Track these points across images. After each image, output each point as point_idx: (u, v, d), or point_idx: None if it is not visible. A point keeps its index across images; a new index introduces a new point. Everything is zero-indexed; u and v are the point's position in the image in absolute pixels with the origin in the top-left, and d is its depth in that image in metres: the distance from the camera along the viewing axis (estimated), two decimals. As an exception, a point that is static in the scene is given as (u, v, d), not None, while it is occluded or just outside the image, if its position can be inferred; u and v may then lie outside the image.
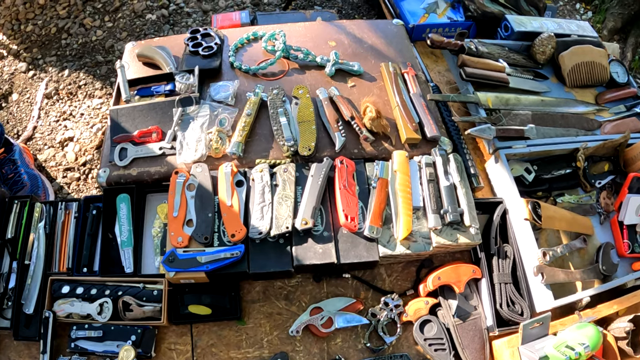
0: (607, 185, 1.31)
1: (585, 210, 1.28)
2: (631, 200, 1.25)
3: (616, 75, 1.42)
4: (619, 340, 1.08)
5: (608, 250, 1.21)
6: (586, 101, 1.39)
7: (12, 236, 1.16)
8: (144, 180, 1.12)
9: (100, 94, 1.83)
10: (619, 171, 1.32)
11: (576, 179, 1.27)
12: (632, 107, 1.40)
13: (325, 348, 1.05)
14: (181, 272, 0.99)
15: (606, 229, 1.27)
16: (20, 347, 1.13)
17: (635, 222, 1.25)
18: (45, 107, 1.82)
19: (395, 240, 1.05)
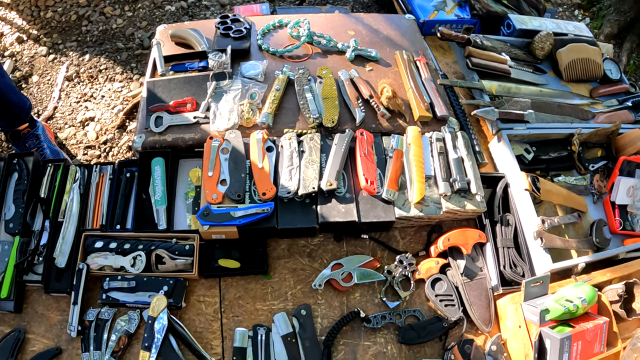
0: (600, 169, 1.52)
1: (580, 191, 1.48)
2: (622, 182, 1.46)
3: (609, 72, 1.66)
4: (613, 304, 1.26)
5: (601, 226, 1.41)
6: (581, 94, 1.62)
7: (45, 196, 1.32)
8: (178, 146, 1.30)
9: (121, 78, 2.01)
10: (611, 157, 1.54)
11: (571, 162, 1.48)
12: (623, 101, 1.64)
13: (345, 301, 1.21)
14: (215, 226, 1.16)
15: (599, 208, 1.48)
16: (49, 300, 1.26)
17: (626, 203, 1.46)
18: (65, 89, 2.00)
19: (409, 203, 1.23)
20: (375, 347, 1.18)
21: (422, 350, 1.20)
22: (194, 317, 1.19)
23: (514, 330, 1.21)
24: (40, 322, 1.25)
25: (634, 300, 1.28)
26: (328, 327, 1.17)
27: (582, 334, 1.13)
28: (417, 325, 1.20)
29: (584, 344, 1.14)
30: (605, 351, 1.18)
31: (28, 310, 1.27)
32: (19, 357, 1.22)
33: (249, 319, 1.18)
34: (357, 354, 1.17)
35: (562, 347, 1.11)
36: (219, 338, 1.17)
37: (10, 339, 1.24)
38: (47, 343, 1.23)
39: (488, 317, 1.23)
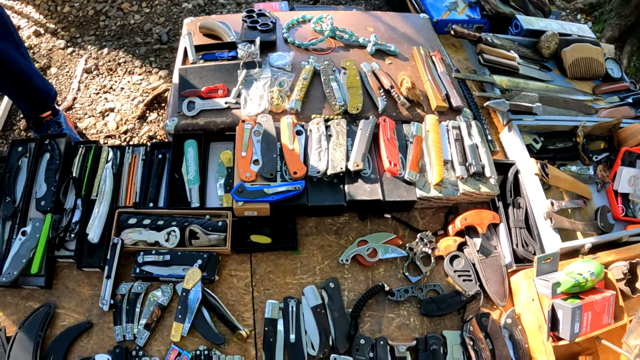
0: (602, 160, 1.68)
1: (584, 180, 1.64)
2: (624, 171, 1.61)
3: (611, 71, 1.84)
4: (618, 282, 1.39)
5: (605, 212, 1.56)
6: (584, 91, 1.79)
7: (76, 175, 1.42)
8: (210, 129, 1.42)
9: (140, 72, 2.13)
10: (613, 149, 1.70)
11: (576, 152, 1.63)
12: (624, 98, 1.82)
13: (370, 276, 1.32)
14: (249, 203, 1.27)
15: (602, 196, 1.63)
16: (80, 276, 1.35)
17: (628, 192, 1.61)
18: (84, 80, 2.11)
19: (429, 185, 1.36)
20: (399, 319, 1.30)
21: (442, 323, 1.32)
22: (226, 291, 1.29)
23: (527, 304, 1.33)
24: (70, 297, 1.33)
25: (637, 280, 1.42)
26: (354, 300, 1.29)
27: (592, 304, 1.26)
28: (438, 298, 1.32)
29: (593, 315, 1.27)
30: (612, 323, 1.30)
31: (58, 285, 1.36)
32: (49, 331, 1.30)
33: (279, 292, 1.29)
34: (382, 325, 1.28)
35: (573, 316, 1.24)
36: (251, 310, 1.27)
37: (40, 313, 1.32)
38: (78, 317, 1.31)
39: (502, 292, 1.36)
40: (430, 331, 1.29)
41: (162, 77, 2.08)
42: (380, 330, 1.28)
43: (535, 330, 1.31)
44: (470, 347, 1.27)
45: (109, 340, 1.28)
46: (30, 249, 1.36)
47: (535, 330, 1.31)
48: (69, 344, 1.29)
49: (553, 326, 1.30)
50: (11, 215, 1.42)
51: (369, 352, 1.24)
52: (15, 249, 1.35)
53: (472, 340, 1.28)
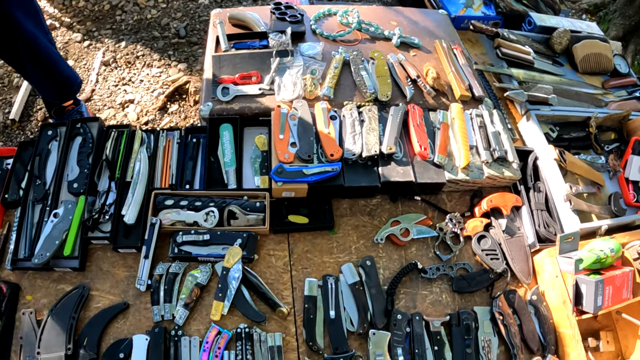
0: (614, 150, 1.81)
1: (597, 168, 1.76)
2: (634, 160, 1.75)
3: (619, 66, 2.01)
4: (635, 261, 1.50)
5: (618, 198, 1.68)
6: (594, 85, 1.94)
7: (110, 158, 1.47)
8: (244, 114, 1.50)
9: (158, 64, 2.19)
10: (623, 140, 1.84)
11: (589, 141, 1.76)
12: (632, 92, 1.98)
13: (403, 255, 1.41)
14: (288, 183, 1.35)
15: (614, 184, 1.76)
16: (114, 258, 1.40)
17: (638, 179, 1.74)
18: (102, 73, 2.16)
19: (457, 168, 1.47)
20: (432, 295, 1.38)
21: (472, 299, 1.41)
22: (264, 270, 1.35)
23: (551, 281, 1.43)
24: (105, 279, 1.37)
25: (650, 262, 1.54)
26: (389, 278, 1.37)
27: (612, 279, 1.37)
28: (468, 276, 1.41)
29: (614, 289, 1.38)
30: (631, 298, 1.41)
31: (92, 268, 1.39)
32: (83, 313, 1.33)
33: (317, 270, 1.36)
34: (416, 301, 1.36)
35: (596, 289, 1.34)
36: (289, 288, 1.34)
37: (74, 295, 1.36)
38: (113, 299, 1.35)
39: (527, 270, 1.46)
40: (461, 307, 1.38)
41: (181, 69, 2.15)
42: (415, 306, 1.36)
43: (559, 306, 1.41)
44: (500, 321, 1.36)
45: (145, 322, 1.32)
46: (63, 230, 1.40)
47: (560, 306, 1.41)
48: (104, 326, 1.33)
49: (577, 301, 1.40)
50: (41, 198, 1.46)
51: (405, 327, 1.32)
52: (47, 231, 1.38)
53: (502, 315, 1.36)
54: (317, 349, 1.27)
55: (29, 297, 1.38)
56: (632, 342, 1.53)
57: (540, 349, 1.41)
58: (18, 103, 2.12)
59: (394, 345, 1.30)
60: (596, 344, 1.49)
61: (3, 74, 2.22)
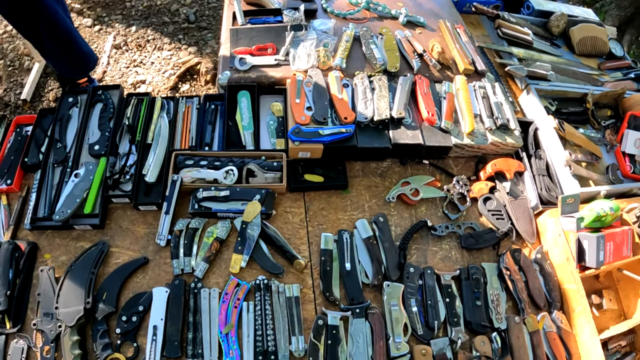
0: (610, 125, 1.97)
1: (594, 141, 1.92)
2: (630, 134, 1.91)
3: (614, 50, 2.20)
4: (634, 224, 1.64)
5: (615, 169, 1.84)
6: (591, 66, 2.12)
7: (130, 123, 1.58)
8: (261, 83, 1.64)
9: (169, 48, 2.34)
10: (618, 117, 2.01)
11: (586, 116, 1.92)
12: (627, 73, 2.16)
13: (414, 213, 1.53)
14: (304, 143, 1.47)
15: (611, 157, 1.91)
16: (134, 216, 1.50)
17: (634, 153, 1.91)
18: (114, 55, 2.30)
19: (462, 134, 1.61)
20: (442, 252, 1.50)
21: (480, 257, 1.53)
22: (281, 226, 1.47)
23: (554, 240, 1.56)
24: (124, 236, 1.47)
25: (648, 226, 1.68)
26: (401, 235, 1.49)
27: (613, 236, 1.51)
28: (475, 234, 1.53)
29: (615, 246, 1.51)
30: (631, 256, 1.54)
31: (111, 226, 1.49)
32: (102, 269, 1.42)
33: (332, 226, 1.48)
34: (427, 257, 1.48)
35: (598, 245, 1.48)
36: (306, 243, 1.45)
37: (94, 251, 1.45)
38: (133, 255, 1.45)
39: (531, 231, 1.59)
40: (470, 263, 1.50)
41: (191, 52, 2.29)
42: (426, 261, 1.48)
43: (563, 263, 1.54)
44: (507, 277, 1.48)
45: (165, 276, 1.41)
46: (84, 189, 1.50)
47: (564, 263, 1.54)
48: (123, 281, 1.42)
49: (580, 257, 1.53)
50: (62, 160, 1.57)
51: (418, 279, 1.43)
52: (68, 189, 1.49)
53: (508, 270, 1.48)
54: (334, 299, 1.38)
55: (47, 255, 1.47)
56: (633, 302, 1.65)
57: (547, 305, 1.53)
58: (29, 84, 2.23)
59: (407, 297, 1.41)
60: (599, 301, 1.61)
61: (14, 57, 2.34)
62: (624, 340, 1.62)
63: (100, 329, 1.35)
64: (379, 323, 1.37)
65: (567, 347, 1.49)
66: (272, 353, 1.31)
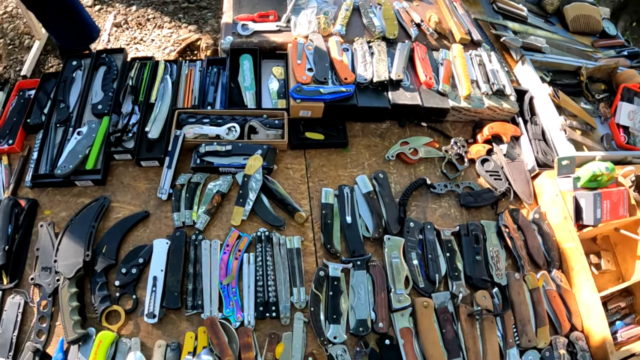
0: (604, 99, 2.07)
1: (589, 112, 2.01)
2: (623, 106, 2.00)
3: (607, 29, 2.32)
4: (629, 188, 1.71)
5: (609, 139, 1.92)
6: (585, 43, 2.23)
7: (133, 84, 1.64)
8: (263, 47, 1.72)
9: (169, 26, 2.42)
10: (612, 91, 2.10)
11: (580, 88, 2.02)
12: (620, 51, 2.27)
13: (412, 172, 1.60)
14: (305, 100, 1.54)
15: (605, 128, 2.00)
16: (135, 172, 1.55)
17: (628, 125, 1.99)
18: (114, 33, 2.38)
19: (460, 97, 1.69)
20: (441, 209, 1.56)
21: (478, 215, 1.59)
22: (283, 181, 1.52)
23: (551, 200, 1.63)
24: (126, 191, 1.52)
25: (643, 191, 1.75)
26: (400, 192, 1.55)
27: (609, 194, 1.57)
28: (474, 192, 1.60)
29: (611, 204, 1.58)
30: (628, 216, 1.60)
31: (113, 182, 1.54)
32: (102, 224, 1.46)
33: (332, 182, 1.53)
34: (426, 214, 1.54)
35: (594, 202, 1.54)
36: (307, 198, 1.50)
37: (95, 205, 1.49)
38: (133, 210, 1.49)
39: (529, 192, 1.65)
40: (469, 221, 1.55)
41: (191, 30, 2.38)
42: (426, 218, 1.53)
43: (561, 223, 1.60)
44: (506, 234, 1.54)
45: (166, 229, 1.46)
46: (87, 146, 1.55)
47: (562, 223, 1.60)
48: (124, 234, 1.45)
49: (577, 216, 1.60)
50: (64, 120, 1.62)
51: (418, 234, 1.48)
52: (70, 146, 1.54)
53: (507, 228, 1.54)
54: (335, 252, 1.42)
55: (47, 212, 1.51)
56: (631, 265, 1.71)
57: (546, 264, 1.58)
58: (30, 61, 2.30)
59: (408, 250, 1.46)
60: (598, 261, 1.67)
61: (14, 36, 2.42)
62: (624, 302, 1.67)
63: (99, 282, 1.39)
64: (380, 275, 1.42)
65: (567, 305, 1.54)
66: (273, 304, 1.35)
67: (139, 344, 1.29)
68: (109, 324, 1.32)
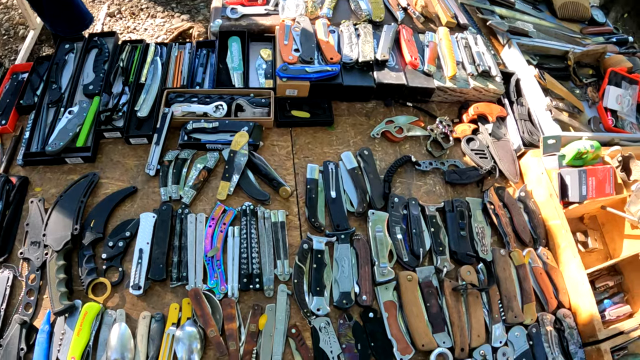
0: (592, 83, 2.11)
1: (576, 96, 2.04)
2: (611, 89, 2.04)
3: (596, 16, 2.36)
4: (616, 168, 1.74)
5: (597, 122, 1.96)
6: (573, 30, 2.28)
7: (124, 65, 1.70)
8: (251, 30, 1.77)
9: (162, 15, 2.49)
10: (600, 76, 2.14)
11: (567, 72, 2.06)
12: (609, 38, 2.31)
13: (398, 150, 1.64)
14: (291, 79, 1.59)
15: (593, 111, 2.03)
16: (125, 150, 1.60)
17: (616, 109, 2.03)
18: (108, 23, 2.45)
19: (445, 78, 1.73)
20: (426, 186, 1.59)
21: (464, 193, 1.62)
22: (269, 157, 1.57)
23: (537, 179, 1.66)
24: (115, 168, 1.56)
25: (630, 174, 1.78)
26: (385, 169, 1.58)
27: (595, 171, 1.61)
28: (459, 170, 1.63)
29: (597, 182, 1.60)
30: (614, 194, 1.63)
31: (102, 159, 1.59)
32: (91, 199, 1.50)
33: (317, 159, 1.57)
34: (411, 190, 1.57)
35: (580, 179, 1.57)
36: (292, 174, 1.54)
37: (84, 181, 1.54)
38: (122, 185, 1.54)
39: (514, 170, 1.69)
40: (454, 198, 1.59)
41: (184, 20, 2.45)
42: (410, 195, 1.57)
43: (547, 201, 1.63)
44: (491, 211, 1.57)
45: (153, 204, 1.50)
46: (77, 124, 1.59)
47: (547, 201, 1.63)
48: (111, 209, 1.49)
49: (563, 193, 1.63)
50: (56, 100, 1.67)
51: (402, 209, 1.52)
52: (62, 124, 1.58)
53: (492, 204, 1.57)
54: (319, 225, 1.46)
55: (37, 189, 1.55)
56: (619, 244, 1.73)
57: (532, 241, 1.61)
58: (24, 50, 2.37)
59: (392, 225, 1.49)
60: (584, 240, 1.69)
61: (9, 27, 2.49)
62: (612, 280, 1.69)
63: (87, 254, 1.42)
64: (364, 249, 1.45)
65: (554, 283, 1.56)
66: (257, 276, 1.38)
67: (124, 316, 1.32)
68: (95, 296, 1.35)
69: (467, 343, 1.39)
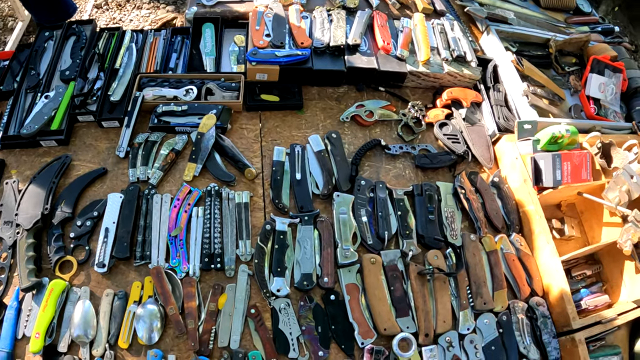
0: (574, 71, 2.10)
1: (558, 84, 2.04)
2: (593, 78, 2.03)
3: (582, 6, 2.35)
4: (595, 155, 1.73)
5: (578, 110, 1.95)
6: (557, 19, 2.27)
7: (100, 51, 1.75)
8: (225, 16, 1.81)
9: (148, 7, 2.56)
10: (583, 65, 2.13)
11: (549, 60, 2.05)
12: (594, 28, 2.30)
13: (368, 134, 1.65)
14: (261, 63, 1.62)
15: (575, 99, 2.02)
16: (97, 133, 1.64)
17: (599, 97, 2.01)
18: (94, 14, 2.52)
19: (418, 63, 1.75)
20: (395, 170, 1.60)
21: (435, 177, 1.62)
22: (237, 140, 1.59)
23: (511, 164, 1.66)
24: (87, 150, 1.61)
25: (612, 161, 1.76)
26: (354, 152, 1.59)
27: (570, 155, 1.60)
28: (430, 155, 1.64)
29: (572, 167, 1.59)
30: (591, 180, 1.62)
31: (76, 142, 1.63)
32: (63, 181, 1.55)
33: (285, 142, 1.60)
34: (380, 174, 1.58)
35: (554, 163, 1.57)
36: (259, 157, 1.57)
37: (56, 164, 1.58)
38: (93, 167, 1.58)
39: (489, 156, 1.69)
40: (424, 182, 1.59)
41: (169, 11, 2.51)
42: (379, 178, 1.58)
43: (521, 186, 1.63)
44: (462, 195, 1.57)
45: (122, 185, 1.53)
46: (53, 108, 1.64)
47: (522, 186, 1.62)
48: (81, 189, 1.54)
49: (537, 178, 1.62)
50: (34, 86, 1.73)
51: (369, 192, 1.53)
52: (38, 108, 1.63)
53: (463, 189, 1.58)
54: (283, 207, 1.48)
55: (13, 171, 1.60)
56: (597, 232, 1.72)
57: (505, 227, 1.61)
58: (12, 41, 2.45)
59: (357, 207, 1.50)
60: (560, 227, 1.68)
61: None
62: (590, 269, 1.68)
63: (56, 233, 1.46)
64: (327, 230, 1.46)
65: (527, 270, 1.55)
66: (219, 255, 1.40)
67: (88, 293, 1.35)
68: (62, 273, 1.39)
69: (432, 329, 1.38)
